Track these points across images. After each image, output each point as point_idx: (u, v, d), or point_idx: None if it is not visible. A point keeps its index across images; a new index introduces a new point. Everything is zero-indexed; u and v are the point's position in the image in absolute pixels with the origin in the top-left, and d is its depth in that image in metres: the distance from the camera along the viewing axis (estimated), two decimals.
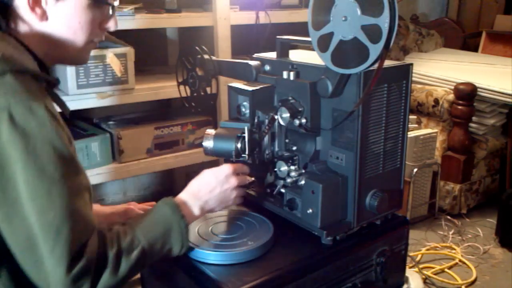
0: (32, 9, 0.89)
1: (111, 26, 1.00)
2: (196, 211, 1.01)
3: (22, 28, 0.91)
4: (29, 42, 0.90)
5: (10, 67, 0.80)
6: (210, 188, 1.04)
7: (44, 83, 0.88)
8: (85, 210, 0.82)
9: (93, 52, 1.82)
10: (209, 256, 1.01)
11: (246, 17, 2.23)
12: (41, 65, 0.92)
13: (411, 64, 1.10)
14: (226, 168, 1.06)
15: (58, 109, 0.94)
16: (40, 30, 0.91)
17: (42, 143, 0.78)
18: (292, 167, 1.14)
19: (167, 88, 2.06)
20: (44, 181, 0.77)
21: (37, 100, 0.80)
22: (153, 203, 1.21)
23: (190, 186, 1.05)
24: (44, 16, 0.90)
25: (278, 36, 1.18)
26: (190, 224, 0.99)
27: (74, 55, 0.97)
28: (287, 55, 1.18)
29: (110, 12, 0.99)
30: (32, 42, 0.91)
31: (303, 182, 1.09)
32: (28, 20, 0.90)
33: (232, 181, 1.05)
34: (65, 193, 0.79)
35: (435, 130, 2.60)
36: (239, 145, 1.09)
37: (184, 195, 1.03)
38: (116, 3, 0.99)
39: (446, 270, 2.20)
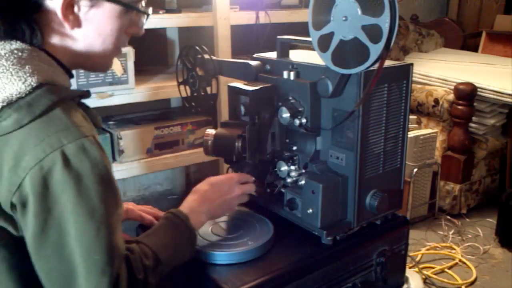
0: (65, 16, 0.85)
1: (139, 32, 0.97)
2: (202, 218, 1.03)
3: (52, 37, 0.87)
4: (59, 53, 0.87)
5: (57, 97, 0.77)
6: (215, 197, 1.05)
7: (77, 99, 0.85)
8: (120, 242, 0.81)
9: None
10: (209, 256, 1.01)
11: (246, 17, 2.23)
12: (68, 73, 0.90)
13: (411, 64, 1.10)
14: (230, 179, 1.08)
15: None
16: (69, 38, 0.88)
17: (93, 183, 0.76)
18: (292, 167, 1.14)
19: (167, 88, 2.06)
20: (93, 222, 0.76)
21: (88, 135, 0.77)
22: (150, 207, 1.21)
23: (195, 194, 1.05)
24: (76, 23, 0.87)
25: (278, 36, 1.18)
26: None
27: (99, 62, 0.95)
28: (287, 55, 1.18)
29: (144, 21, 0.97)
30: (60, 51, 0.88)
31: (303, 182, 1.09)
32: (59, 28, 0.87)
33: (236, 190, 1.07)
34: (110, 231, 0.78)
35: (435, 130, 2.60)
36: (239, 145, 1.09)
37: (190, 204, 1.03)
38: (150, 11, 0.96)
39: (446, 270, 2.20)
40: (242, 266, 1.00)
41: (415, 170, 2.47)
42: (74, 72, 1.84)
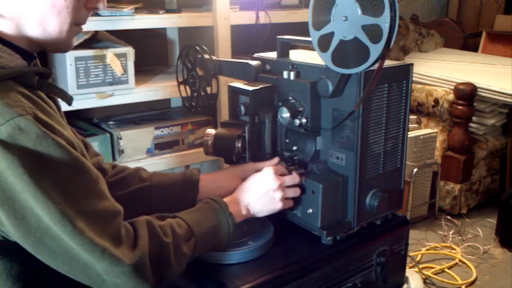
0: None
1: (100, 5, 0.86)
2: (242, 210, 1.03)
3: None
4: (6, 30, 0.80)
5: None
6: (254, 190, 1.04)
7: (35, 78, 0.79)
8: (103, 204, 0.78)
9: (93, 52, 1.84)
10: (209, 256, 1.01)
11: (246, 17, 2.23)
12: (27, 54, 0.82)
13: (411, 64, 1.10)
14: (267, 171, 1.05)
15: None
16: (18, 12, 0.79)
17: (44, 160, 0.71)
18: (292, 167, 1.14)
19: (167, 88, 2.06)
20: (56, 201, 0.72)
21: (23, 114, 0.71)
22: None
23: (239, 188, 1.06)
24: None
25: (278, 36, 1.18)
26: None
27: (58, 40, 0.84)
28: (287, 55, 1.18)
29: None
30: (10, 28, 0.80)
31: (303, 182, 1.09)
32: (2, 1, 0.78)
33: (273, 182, 1.04)
34: (82, 204, 0.74)
35: (435, 130, 2.60)
36: (239, 145, 1.09)
37: (233, 195, 1.04)
38: None
39: (446, 270, 2.21)
40: (242, 266, 1.00)
41: (415, 170, 2.47)
42: (74, 70, 1.82)
